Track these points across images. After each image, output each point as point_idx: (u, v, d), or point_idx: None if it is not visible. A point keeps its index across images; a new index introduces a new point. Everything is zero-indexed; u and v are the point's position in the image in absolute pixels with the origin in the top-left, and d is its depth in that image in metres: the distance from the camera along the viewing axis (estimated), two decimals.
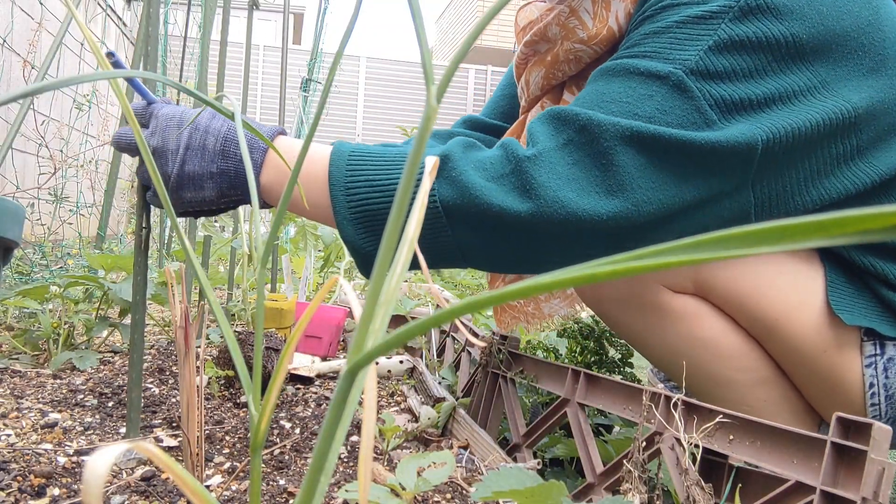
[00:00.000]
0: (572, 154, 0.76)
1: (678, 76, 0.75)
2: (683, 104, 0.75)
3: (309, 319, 0.35)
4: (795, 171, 0.80)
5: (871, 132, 0.81)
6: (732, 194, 0.79)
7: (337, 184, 0.79)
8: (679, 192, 0.76)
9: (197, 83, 2.40)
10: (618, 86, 0.78)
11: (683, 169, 0.75)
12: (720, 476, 0.70)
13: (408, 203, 0.26)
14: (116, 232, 3.92)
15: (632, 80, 0.78)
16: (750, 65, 0.75)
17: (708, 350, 0.91)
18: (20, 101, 1.60)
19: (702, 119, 0.75)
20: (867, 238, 0.14)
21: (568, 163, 0.75)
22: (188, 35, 3.25)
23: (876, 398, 0.86)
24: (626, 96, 0.77)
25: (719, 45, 0.75)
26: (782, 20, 0.75)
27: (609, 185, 0.75)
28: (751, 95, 0.75)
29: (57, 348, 1.40)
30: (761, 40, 0.75)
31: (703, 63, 0.75)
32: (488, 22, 0.24)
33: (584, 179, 0.75)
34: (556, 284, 0.18)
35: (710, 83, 0.75)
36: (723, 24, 0.75)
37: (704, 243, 0.16)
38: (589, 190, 0.75)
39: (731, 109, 0.75)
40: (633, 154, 0.74)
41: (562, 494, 0.54)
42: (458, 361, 1.48)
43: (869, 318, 0.85)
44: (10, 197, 1.46)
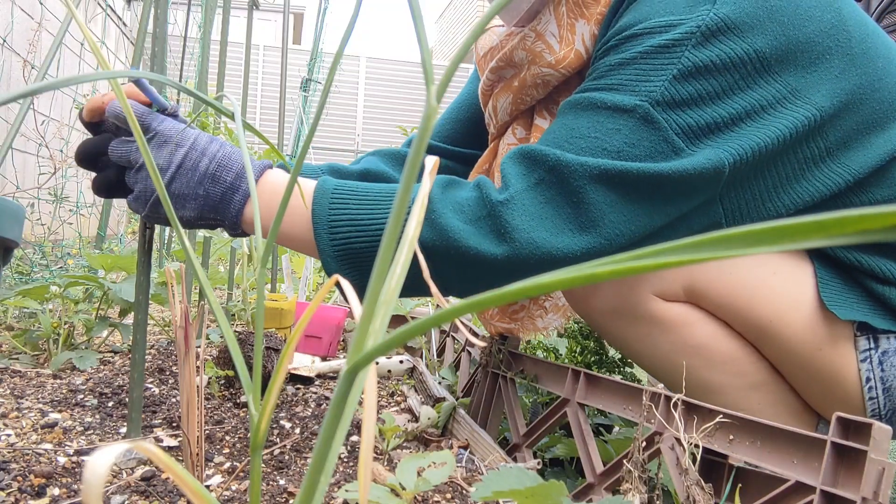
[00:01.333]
0: (543, 193, 0.77)
1: (644, 108, 0.76)
2: (651, 136, 0.76)
3: (309, 319, 0.35)
4: (763, 180, 0.81)
5: (837, 133, 0.81)
6: (701, 210, 0.81)
7: (320, 222, 0.80)
8: (650, 221, 0.78)
9: (197, 83, 2.40)
10: (585, 121, 0.79)
11: (653, 199, 0.77)
12: (720, 476, 0.70)
13: (406, 208, 0.26)
14: (116, 232, 3.92)
15: (599, 115, 0.79)
16: (716, 87, 0.76)
17: (701, 357, 0.91)
18: (20, 101, 1.60)
19: (669, 148, 0.76)
20: (867, 238, 0.14)
21: (539, 202, 0.77)
22: (188, 35, 3.25)
23: (874, 392, 0.86)
24: (594, 131, 0.78)
25: (683, 73, 0.76)
26: (744, 37, 0.75)
27: (581, 223, 0.76)
28: (717, 118, 0.76)
29: (57, 348, 1.40)
30: (725, 62, 0.75)
31: (668, 93, 0.76)
32: (488, 22, 0.24)
33: (556, 218, 0.76)
34: (555, 285, 0.18)
35: (677, 112, 0.76)
36: (686, 51, 0.76)
37: (704, 243, 0.16)
38: (562, 228, 0.76)
39: (698, 135, 0.76)
40: (602, 191, 0.76)
41: (562, 494, 0.54)
42: (458, 361, 1.48)
43: (861, 311, 0.85)
44: (10, 197, 1.46)
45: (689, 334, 0.90)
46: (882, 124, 0.83)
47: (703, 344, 0.90)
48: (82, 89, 3.47)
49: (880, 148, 0.83)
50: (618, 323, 0.95)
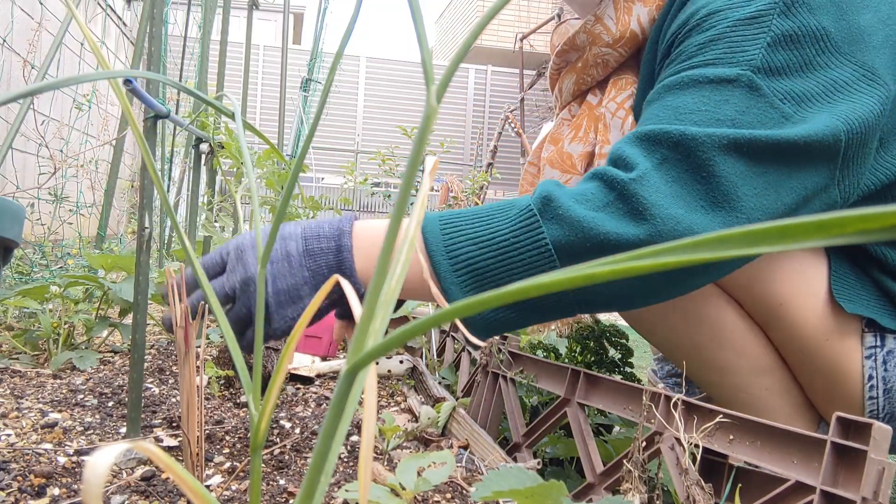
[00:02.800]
0: (670, 172, 0.73)
1: (748, 76, 0.75)
2: (759, 102, 0.75)
3: (308, 319, 0.35)
4: (864, 163, 0.79)
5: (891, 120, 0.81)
6: (821, 194, 0.78)
7: (436, 249, 0.74)
8: (779, 196, 0.75)
9: (197, 83, 2.40)
10: (690, 97, 0.77)
11: (778, 170, 0.74)
12: (720, 476, 0.70)
13: (407, 201, 0.26)
14: (116, 232, 3.92)
15: (703, 89, 0.77)
16: (803, 57, 0.76)
17: (712, 330, 0.91)
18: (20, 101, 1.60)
19: (778, 115, 0.74)
20: (867, 238, 0.14)
21: (667, 181, 0.73)
22: (188, 35, 3.25)
23: (874, 391, 0.86)
24: (702, 105, 0.76)
25: (776, 41, 0.75)
26: (814, 13, 0.76)
27: (714, 198, 0.73)
28: (813, 88, 0.75)
29: (57, 348, 1.40)
30: (807, 33, 0.75)
31: (766, 60, 0.75)
32: (488, 22, 0.24)
33: (687, 196, 0.73)
34: (555, 284, 0.18)
35: (776, 79, 0.75)
36: (773, 20, 0.76)
37: (703, 243, 0.16)
38: (695, 206, 0.72)
39: (800, 102, 0.75)
40: (732, 162, 0.72)
41: (562, 494, 0.54)
42: (458, 361, 1.48)
43: (870, 308, 0.86)
44: (10, 197, 1.46)
45: (699, 308, 0.91)
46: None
47: (713, 318, 0.91)
48: (82, 89, 3.47)
49: None
50: None
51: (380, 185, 8.37)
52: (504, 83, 10.89)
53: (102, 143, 2.46)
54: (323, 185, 9.94)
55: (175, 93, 3.41)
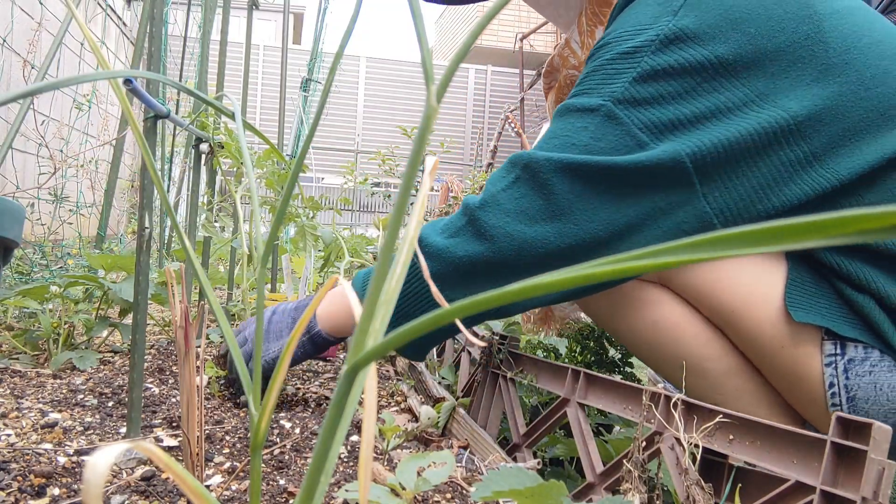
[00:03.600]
0: (519, 189, 0.86)
1: (607, 107, 0.84)
2: (615, 131, 0.84)
3: (309, 319, 0.35)
4: (747, 180, 0.84)
5: (822, 138, 0.83)
6: (683, 206, 0.84)
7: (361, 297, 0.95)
8: (619, 210, 0.84)
9: (197, 83, 2.40)
10: (561, 123, 0.89)
11: (617, 190, 0.83)
12: (720, 476, 0.70)
13: (407, 201, 0.26)
14: (116, 232, 3.92)
15: (571, 117, 0.88)
16: (677, 88, 0.83)
17: (672, 336, 0.94)
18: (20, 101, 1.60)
19: (634, 142, 0.83)
20: (867, 238, 0.15)
21: (515, 197, 0.86)
22: (188, 35, 3.25)
23: (837, 398, 0.86)
24: (565, 131, 0.87)
25: (643, 76, 0.83)
26: (704, 45, 0.82)
27: (552, 212, 0.84)
28: (679, 116, 0.82)
29: (57, 348, 1.40)
30: (684, 66, 0.82)
31: (628, 93, 0.84)
32: (488, 22, 0.24)
33: (531, 210, 0.85)
34: (555, 284, 0.18)
35: (638, 109, 0.83)
36: (645, 56, 0.84)
37: (702, 243, 0.16)
38: (536, 219, 0.85)
39: (662, 130, 0.83)
40: (567, 182, 0.84)
41: (562, 494, 0.54)
42: (458, 361, 1.48)
43: (828, 317, 0.85)
44: (10, 197, 1.46)
45: (657, 313, 0.95)
46: (871, 132, 0.84)
47: (672, 324, 0.94)
48: (82, 89, 3.47)
49: (869, 155, 0.84)
50: (597, 299, 1.01)
51: (380, 185, 8.37)
52: (504, 83, 10.89)
53: (102, 143, 2.46)
54: (323, 185, 9.94)
55: (175, 93, 3.41)
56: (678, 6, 0.85)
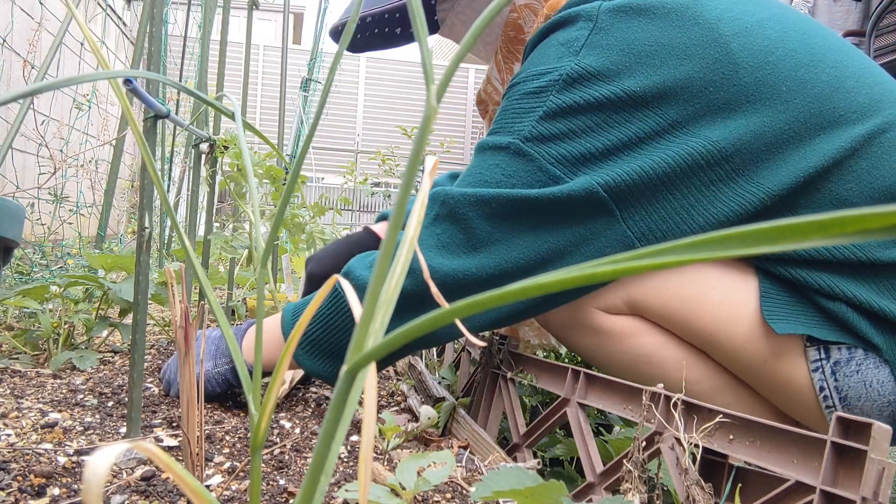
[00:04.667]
0: (439, 225, 0.89)
1: (516, 144, 0.87)
2: (525, 167, 0.86)
3: (308, 319, 0.35)
4: (668, 203, 0.85)
5: (745, 156, 0.84)
6: (604, 232, 0.86)
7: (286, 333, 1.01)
8: (539, 239, 0.86)
9: (197, 83, 2.40)
10: (476, 161, 0.92)
11: (534, 220, 0.86)
12: (720, 476, 0.70)
13: (405, 211, 0.26)
14: (116, 232, 3.92)
15: (484, 155, 0.91)
16: (587, 122, 0.85)
17: (654, 365, 0.95)
18: (20, 101, 1.60)
19: (546, 177, 0.85)
20: (866, 238, 0.15)
21: (437, 233, 0.89)
22: (188, 35, 3.25)
23: (830, 400, 0.86)
24: (479, 169, 0.90)
25: (549, 114, 0.86)
26: (610, 81, 0.84)
27: (472, 245, 0.87)
28: (591, 149, 0.84)
29: (57, 348, 1.40)
30: (590, 102, 0.84)
31: (535, 130, 0.86)
32: (488, 22, 0.24)
33: (451, 244, 0.88)
34: (555, 284, 0.18)
35: (548, 145, 0.86)
36: (550, 95, 0.87)
37: (703, 243, 0.16)
38: (457, 252, 0.88)
39: (575, 164, 0.85)
40: (484, 216, 0.87)
41: (562, 494, 0.54)
42: (458, 361, 1.48)
43: (807, 324, 0.86)
44: (10, 197, 1.46)
45: (636, 344, 0.95)
46: (795, 143, 0.84)
47: (652, 352, 0.94)
48: (82, 89, 3.47)
49: (795, 165, 0.84)
50: (573, 335, 1.02)
51: (380, 185, 8.37)
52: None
53: (102, 143, 2.46)
54: (323, 185, 9.94)
55: (175, 93, 3.41)
56: (580, 46, 0.87)
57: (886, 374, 0.85)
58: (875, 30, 3.02)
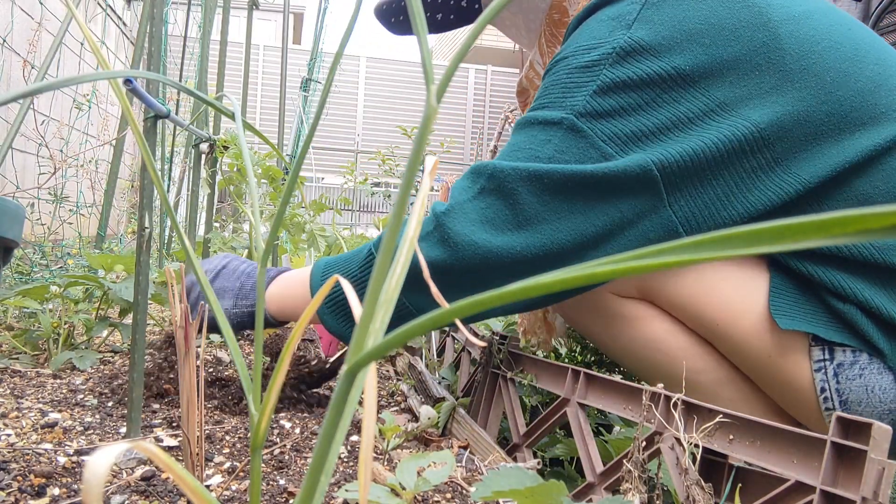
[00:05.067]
0: (485, 199, 0.86)
1: (570, 120, 0.85)
2: (579, 143, 0.84)
3: (308, 319, 0.35)
4: (712, 188, 0.84)
5: (786, 144, 0.83)
6: (649, 215, 0.85)
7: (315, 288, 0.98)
8: (587, 220, 0.84)
9: (197, 83, 2.40)
10: (523, 136, 0.89)
11: (585, 198, 0.84)
12: (720, 476, 0.70)
13: (405, 209, 0.26)
14: (116, 232, 3.92)
15: (533, 129, 0.88)
16: (638, 100, 0.83)
17: (661, 351, 0.95)
18: (20, 101, 1.60)
19: (599, 154, 0.83)
20: (866, 237, 0.14)
21: (481, 207, 0.86)
22: (188, 35, 3.25)
23: (830, 402, 0.86)
24: (528, 144, 0.88)
25: (603, 88, 0.84)
26: (661, 57, 0.83)
27: (518, 222, 0.85)
28: (642, 127, 0.83)
29: (57, 348, 1.40)
30: (642, 78, 0.83)
31: (590, 105, 0.84)
32: (488, 22, 0.24)
33: (497, 220, 0.85)
34: (556, 284, 0.18)
35: (601, 122, 0.84)
36: (604, 69, 0.85)
37: (705, 243, 0.16)
38: (503, 228, 0.85)
39: (626, 142, 0.83)
40: (533, 191, 0.84)
41: (562, 494, 0.54)
42: (458, 361, 1.48)
43: (813, 323, 0.85)
44: (10, 197, 1.46)
45: (645, 329, 0.95)
46: (834, 135, 0.84)
47: (660, 338, 0.95)
48: (82, 89, 3.47)
49: (832, 158, 0.84)
50: (583, 316, 1.02)
51: (380, 185, 8.36)
52: (504, 83, 10.88)
53: (102, 143, 2.46)
54: (323, 184, 9.94)
55: (175, 93, 3.41)
56: (632, 20, 0.86)
57: (889, 381, 0.84)
58: (875, 30, 3.03)
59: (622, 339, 0.98)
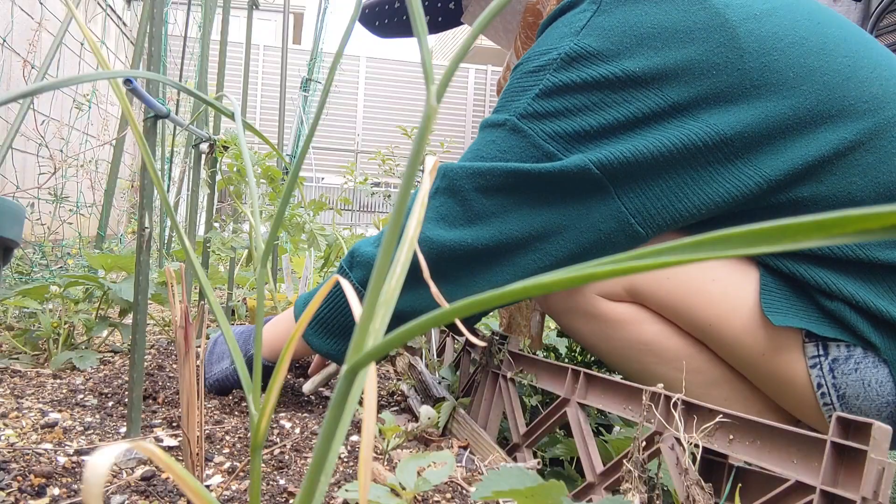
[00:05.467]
0: (439, 198, 0.91)
1: (512, 121, 0.89)
2: (520, 143, 0.88)
3: (308, 319, 0.35)
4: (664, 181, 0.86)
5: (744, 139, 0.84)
6: (598, 208, 0.87)
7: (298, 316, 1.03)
8: (533, 213, 0.88)
9: (197, 83, 2.40)
10: (477, 139, 0.95)
11: (528, 195, 0.88)
12: (720, 476, 0.70)
13: (407, 204, 0.26)
14: (116, 232, 3.92)
15: (484, 133, 0.94)
16: (583, 102, 0.86)
17: (653, 353, 0.95)
18: (20, 101, 1.60)
19: (541, 153, 0.87)
20: (866, 237, 0.14)
21: (436, 206, 0.91)
22: (188, 35, 3.25)
23: (827, 398, 0.86)
24: (477, 145, 0.93)
25: (545, 91, 0.88)
26: (608, 61, 0.86)
27: (469, 217, 0.89)
28: (586, 127, 0.85)
29: (57, 348, 1.40)
30: (587, 81, 0.86)
31: (531, 107, 0.88)
32: (488, 22, 0.24)
33: (449, 216, 0.90)
34: (556, 284, 0.18)
35: (543, 123, 0.87)
36: (548, 74, 0.88)
37: (704, 243, 0.16)
38: (455, 224, 0.90)
39: (569, 141, 0.86)
40: (479, 188, 0.89)
41: (562, 494, 0.54)
42: (458, 361, 1.48)
43: (806, 319, 0.85)
44: (10, 197, 1.46)
45: (636, 331, 0.96)
46: (798, 130, 0.84)
47: (652, 341, 0.95)
48: (82, 89, 3.47)
49: (796, 152, 0.84)
50: (573, 320, 1.03)
51: (380, 185, 8.37)
52: None
53: (102, 143, 2.46)
54: (323, 185, 9.94)
55: (175, 93, 3.41)
56: (580, 27, 0.89)
57: (885, 374, 0.84)
58: (875, 30, 3.03)
59: (614, 342, 0.98)
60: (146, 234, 0.88)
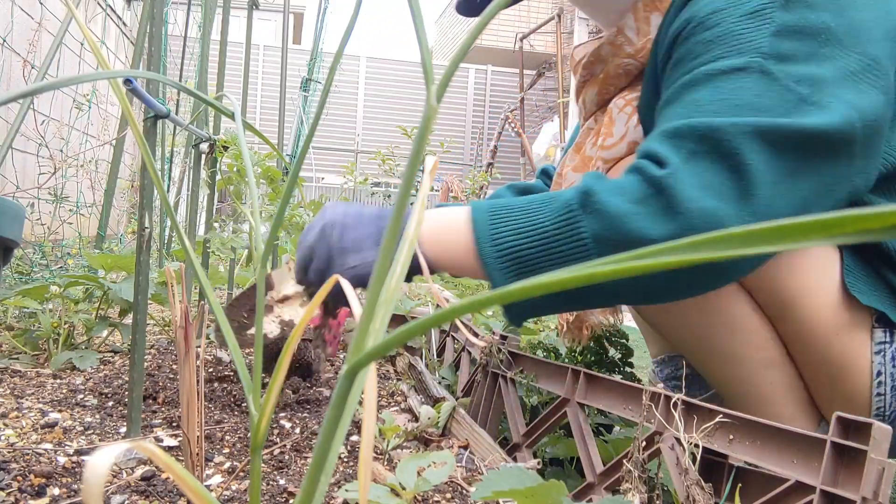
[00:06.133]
0: (699, 164, 0.74)
1: (758, 62, 0.77)
2: (773, 86, 0.76)
3: (309, 319, 0.35)
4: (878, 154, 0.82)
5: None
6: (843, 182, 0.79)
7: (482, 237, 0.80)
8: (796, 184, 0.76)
9: (197, 83, 2.40)
10: (706, 91, 0.79)
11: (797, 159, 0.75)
12: (720, 476, 0.70)
13: (407, 201, 0.26)
14: (116, 232, 3.92)
15: (717, 81, 0.79)
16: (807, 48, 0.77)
17: (725, 319, 0.92)
18: (20, 101, 1.60)
19: (794, 97, 0.76)
20: (866, 237, 0.15)
21: (697, 173, 0.74)
22: (188, 35, 3.25)
23: (882, 387, 0.86)
24: (718, 95, 0.78)
25: (780, 31, 0.78)
26: (813, 10, 0.78)
27: (742, 187, 0.73)
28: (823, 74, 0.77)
29: (57, 348, 1.40)
30: (807, 27, 0.78)
31: (773, 47, 0.77)
32: (488, 22, 0.24)
33: (719, 187, 0.73)
34: (557, 284, 0.18)
35: (786, 64, 0.77)
36: (775, 12, 0.79)
37: (703, 243, 0.16)
38: (726, 197, 0.73)
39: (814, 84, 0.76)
40: (759, 150, 0.73)
41: (562, 494, 0.54)
42: (458, 361, 1.48)
43: (882, 303, 0.86)
44: (10, 197, 1.46)
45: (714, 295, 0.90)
46: None
47: (726, 307, 0.92)
48: (82, 89, 3.47)
49: None
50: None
51: (380, 185, 8.36)
52: (504, 83, 10.89)
53: (102, 143, 2.46)
54: (323, 185, 9.94)
55: (175, 93, 3.41)
56: None
57: None
58: None
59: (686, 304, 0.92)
60: (146, 234, 0.88)
